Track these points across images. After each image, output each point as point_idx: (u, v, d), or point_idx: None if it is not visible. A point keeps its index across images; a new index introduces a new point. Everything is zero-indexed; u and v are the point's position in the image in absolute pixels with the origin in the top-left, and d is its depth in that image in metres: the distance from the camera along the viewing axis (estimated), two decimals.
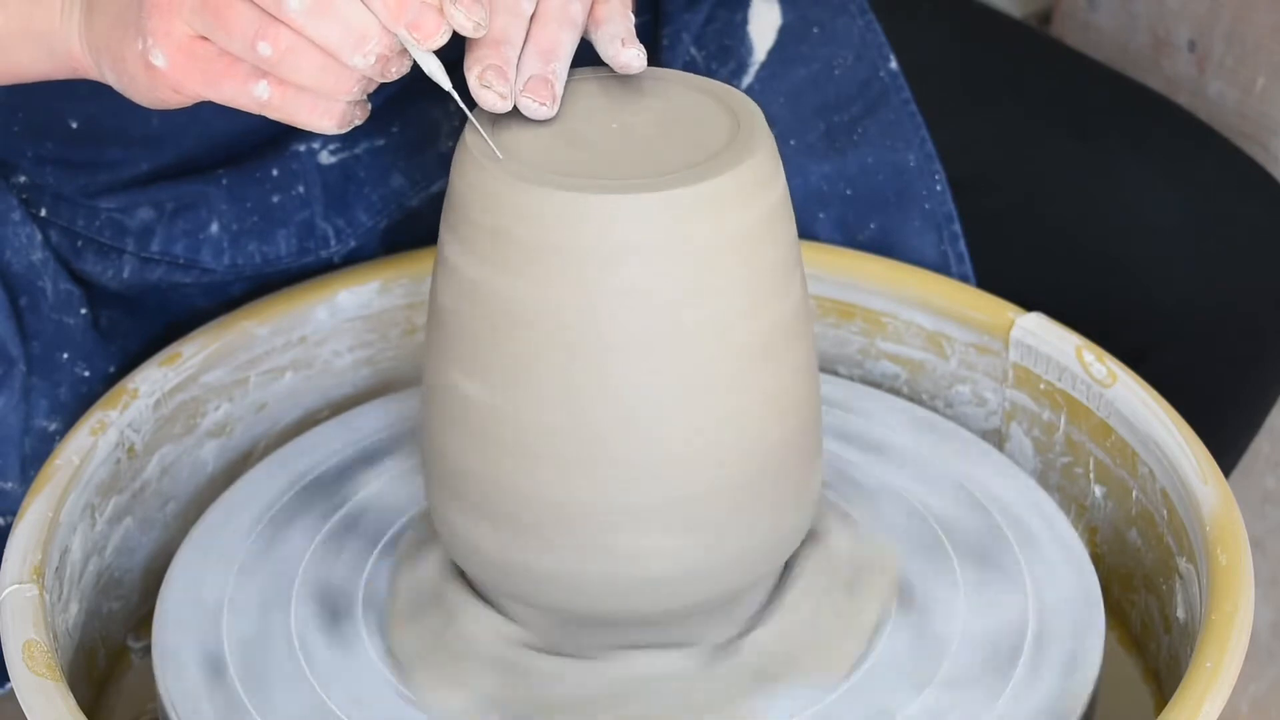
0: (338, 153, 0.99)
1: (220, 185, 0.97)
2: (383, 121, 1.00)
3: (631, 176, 0.72)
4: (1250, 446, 1.22)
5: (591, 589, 0.76)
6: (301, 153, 0.98)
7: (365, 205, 0.99)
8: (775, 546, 0.79)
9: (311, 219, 0.98)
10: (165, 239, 0.97)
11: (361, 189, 0.99)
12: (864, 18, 1.03)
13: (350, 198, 0.99)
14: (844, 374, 1.00)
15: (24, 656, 0.76)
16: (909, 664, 0.80)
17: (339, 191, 0.99)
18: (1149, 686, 0.89)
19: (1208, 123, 1.08)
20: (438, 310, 0.76)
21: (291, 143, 0.98)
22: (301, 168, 0.98)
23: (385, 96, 1.01)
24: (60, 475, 0.85)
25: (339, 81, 0.74)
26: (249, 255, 0.98)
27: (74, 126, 0.94)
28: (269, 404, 0.98)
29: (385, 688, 0.79)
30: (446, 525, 0.79)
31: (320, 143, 0.98)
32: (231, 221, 0.98)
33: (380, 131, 1.00)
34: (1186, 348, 0.99)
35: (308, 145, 0.98)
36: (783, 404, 0.76)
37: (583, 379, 0.73)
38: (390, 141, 1.00)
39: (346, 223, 0.99)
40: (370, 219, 1.00)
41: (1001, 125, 1.03)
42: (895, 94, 1.02)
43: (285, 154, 0.98)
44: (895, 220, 1.01)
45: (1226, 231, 1.00)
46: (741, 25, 1.04)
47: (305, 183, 0.98)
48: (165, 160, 0.96)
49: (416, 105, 1.01)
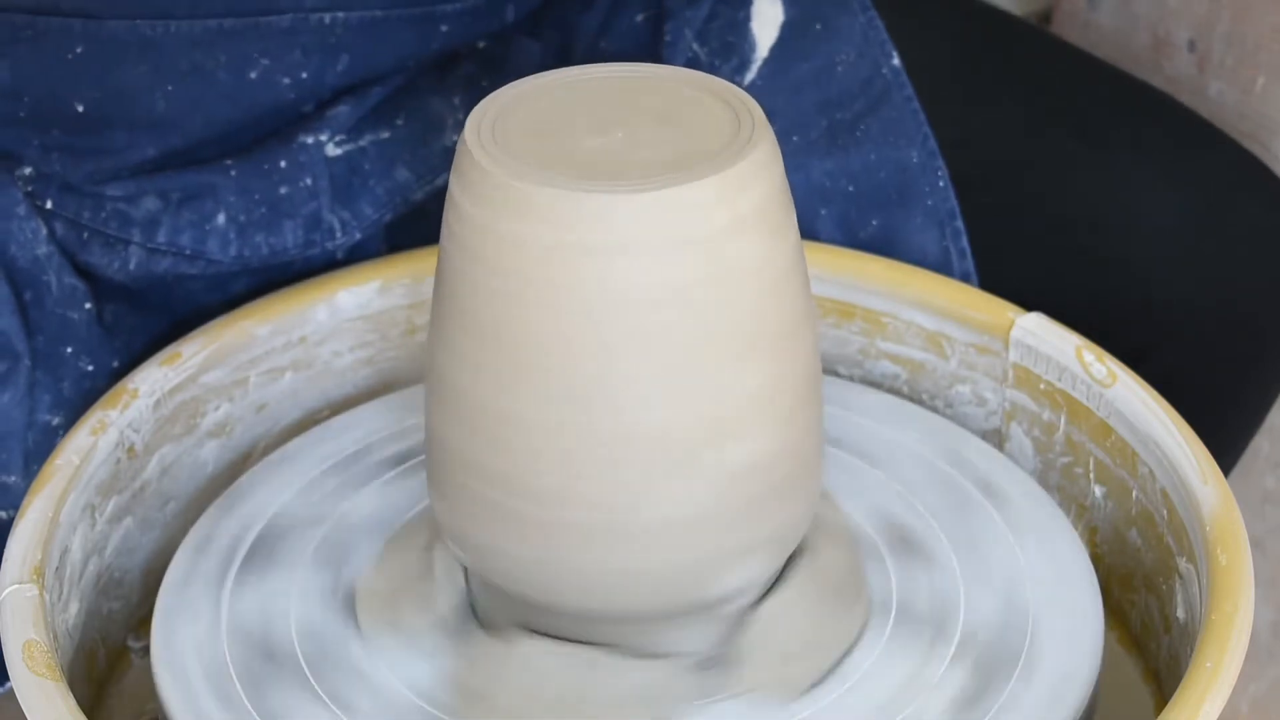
0: (343, 144, 0.99)
1: (229, 176, 0.97)
2: (387, 114, 1.00)
3: (631, 176, 0.72)
4: (1250, 446, 1.22)
5: (591, 586, 0.76)
6: (310, 145, 0.98)
7: (370, 198, 0.99)
8: (773, 548, 0.79)
9: (319, 211, 0.98)
10: (171, 229, 0.97)
11: (367, 181, 0.99)
12: (866, 14, 1.04)
13: (356, 190, 0.99)
14: (844, 374, 1.00)
15: (24, 656, 0.76)
16: (901, 667, 0.80)
17: (345, 183, 0.99)
18: (1149, 686, 0.89)
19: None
20: (439, 309, 0.76)
21: (299, 134, 0.98)
22: (309, 159, 0.98)
23: (390, 89, 1.01)
24: (60, 475, 0.85)
25: None
26: (255, 247, 0.98)
27: (80, 110, 0.94)
28: (269, 404, 0.98)
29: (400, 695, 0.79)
30: (449, 522, 0.79)
31: (328, 134, 0.98)
32: (239, 213, 0.98)
33: (385, 124, 1.00)
34: (1187, 347, 0.99)
35: (315, 138, 0.98)
36: (784, 404, 0.76)
37: (583, 378, 0.73)
38: (395, 134, 1.00)
39: (352, 215, 0.99)
40: (375, 212, 1.00)
41: (1001, 123, 1.03)
42: (898, 91, 1.02)
43: (293, 145, 0.98)
44: (898, 217, 1.01)
45: (1228, 230, 1.00)
46: (744, 22, 1.04)
47: (313, 174, 0.98)
48: (172, 145, 0.97)
49: (421, 98, 1.01)
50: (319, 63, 0.97)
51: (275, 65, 0.96)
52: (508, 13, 1.03)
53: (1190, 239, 0.98)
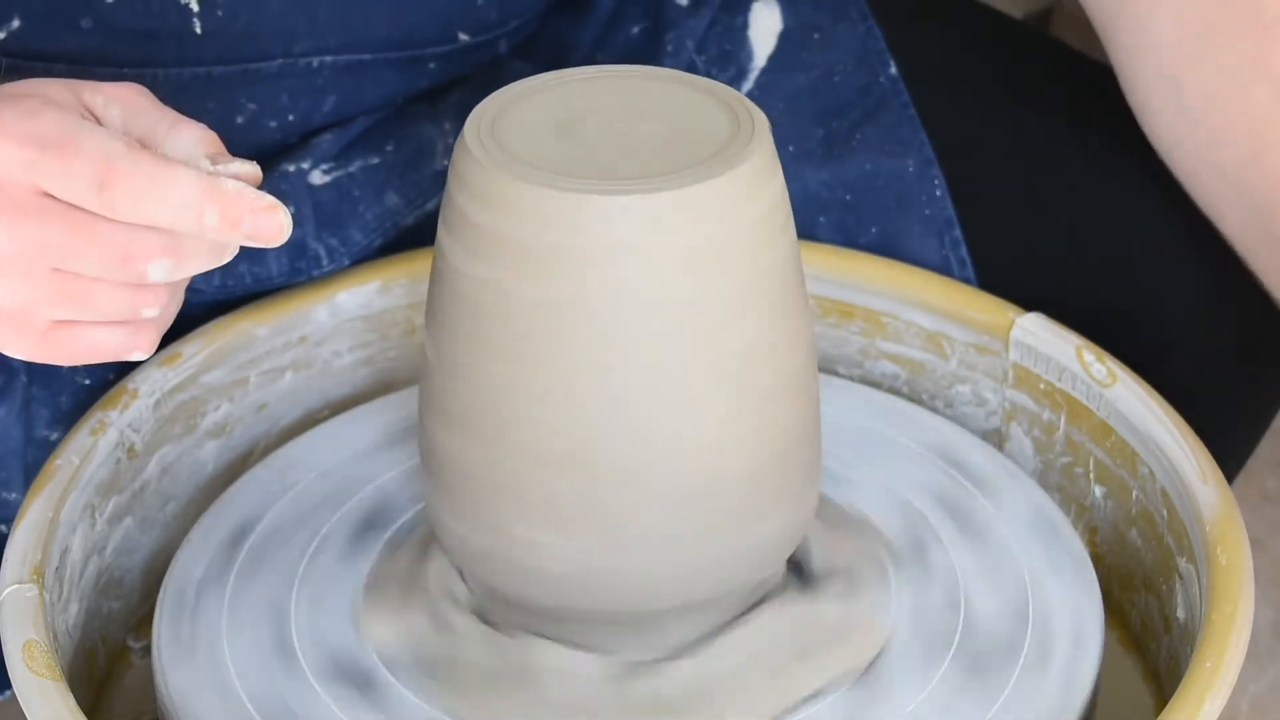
0: (331, 171, 0.99)
1: None
2: (377, 141, 1.00)
3: (631, 177, 0.72)
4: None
5: (588, 587, 0.76)
6: (291, 173, 0.98)
7: (360, 224, 0.99)
8: (770, 551, 0.79)
9: (303, 239, 0.97)
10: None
11: (356, 207, 0.99)
12: (864, 23, 1.04)
13: (345, 216, 0.98)
14: (844, 374, 1.00)
15: (24, 656, 0.76)
16: (914, 658, 0.80)
17: (333, 211, 0.98)
18: (1149, 686, 0.89)
19: None
20: (436, 310, 0.76)
21: (281, 162, 0.98)
22: (291, 188, 0.97)
23: (379, 116, 1.01)
24: (60, 475, 0.85)
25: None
26: (239, 277, 0.97)
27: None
28: (269, 404, 0.98)
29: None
30: (444, 524, 0.79)
31: (310, 162, 0.98)
32: None
33: (375, 150, 1.00)
34: (1190, 348, 0.99)
35: (298, 166, 0.98)
36: (782, 405, 0.76)
37: (582, 379, 0.73)
38: (385, 160, 1.00)
39: (340, 242, 0.98)
40: (365, 237, 0.99)
41: (1000, 124, 1.03)
42: (894, 99, 1.02)
43: (275, 174, 0.97)
44: (896, 225, 1.00)
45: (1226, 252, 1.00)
46: (742, 30, 1.04)
47: (296, 203, 0.97)
48: None
49: (411, 124, 1.01)
50: (306, 105, 0.97)
51: (262, 110, 0.96)
52: (499, 46, 1.03)
53: (1192, 238, 0.98)
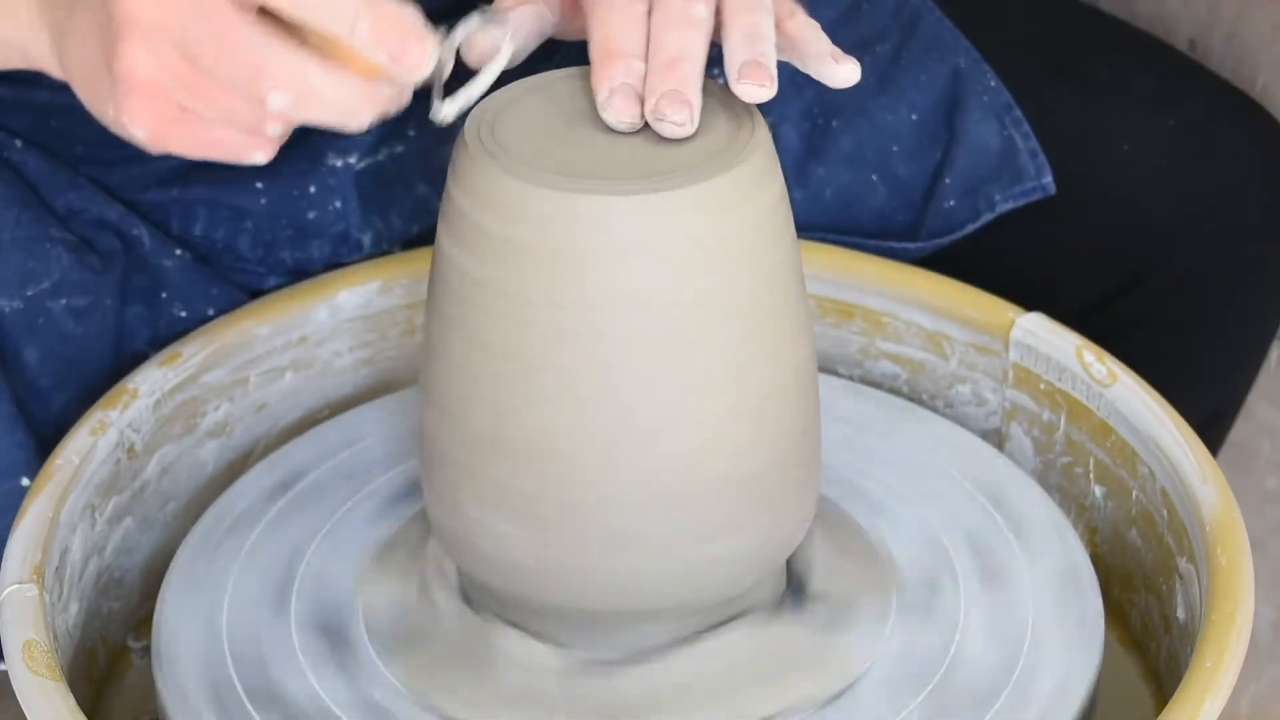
0: (365, 158, 0.99)
1: (258, 203, 0.99)
2: (398, 129, 1.00)
3: (630, 177, 0.72)
4: (1250, 446, 1.22)
5: (586, 587, 0.76)
6: (339, 168, 0.99)
7: (399, 210, 1.00)
8: (769, 551, 0.79)
9: (347, 230, 0.99)
10: (208, 224, 0.99)
11: (394, 192, 1.00)
12: None
13: (385, 202, 0.99)
14: (844, 374, 1.00)
15: (24, 656, 0.76)
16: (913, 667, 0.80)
17: (373, 196, 0.99)
18: (1149, 686, 0.89)
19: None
20: (436, 309, 0.76)
21: (328, 154, 0.98)
22: (339, 183, 0.99)
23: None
24: (60, 475, 0.85)
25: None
26: (280, 260, 0.99)
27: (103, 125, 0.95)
28: (269, 404, 0.98)
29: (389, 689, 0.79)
30: (444, 525, 0.79)
31: (356, 155, 0.99)
32: (266, 234, 0.99)
33: (399, 139, 1.00)
34: (1175, 279, 1.00)
35: (344, 160, 0.99)
36: (782, 405, 0.76)
37: (582, 379, 0.73)
38: (409, 147, 1.00)
39: (385, 226, 1.00)
40: (403, 224, 1.00)
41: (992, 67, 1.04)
42: (928, 13, 1.04)
43: (322, 168, 0.98)
44: (959, 119, 1.02)
45: (1215, 165, 1.01)
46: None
47: (342, 197, 0.99)
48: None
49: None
50: None
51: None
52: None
53: (1177, 172, 0.99)
